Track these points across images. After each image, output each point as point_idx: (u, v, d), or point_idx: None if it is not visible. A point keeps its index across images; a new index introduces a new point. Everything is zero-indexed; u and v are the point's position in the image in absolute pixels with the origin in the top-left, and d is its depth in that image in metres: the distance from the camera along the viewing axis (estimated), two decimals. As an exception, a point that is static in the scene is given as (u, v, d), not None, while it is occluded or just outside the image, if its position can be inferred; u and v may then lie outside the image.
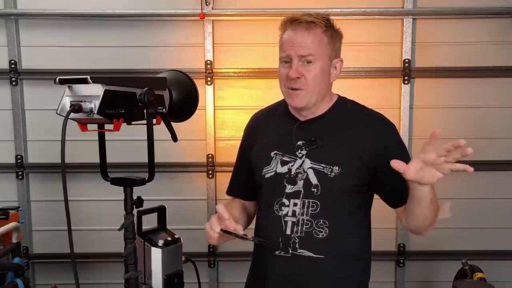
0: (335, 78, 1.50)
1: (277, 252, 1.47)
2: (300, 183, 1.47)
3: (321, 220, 1.44)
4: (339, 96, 1.59)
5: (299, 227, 1.45)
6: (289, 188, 1.48)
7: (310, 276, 1.45)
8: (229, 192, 1.77)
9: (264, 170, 1.54)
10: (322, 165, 1.45)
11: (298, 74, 1.42)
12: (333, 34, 1.47)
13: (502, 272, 3.07)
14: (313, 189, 1.45)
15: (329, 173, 1.44)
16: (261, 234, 1.55)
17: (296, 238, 1.45)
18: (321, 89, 1.46)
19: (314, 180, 1.45)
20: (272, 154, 1.53)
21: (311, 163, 1.46)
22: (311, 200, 1.45)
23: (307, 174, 1.46)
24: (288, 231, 1.46)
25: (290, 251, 1.45)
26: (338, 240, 1.44)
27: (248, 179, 1.63)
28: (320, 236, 1.43)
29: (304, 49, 1.41)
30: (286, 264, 1.46)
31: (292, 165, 1.49)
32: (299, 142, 1.50)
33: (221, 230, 1.36)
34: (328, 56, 1.45)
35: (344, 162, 1.44)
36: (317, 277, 1.45)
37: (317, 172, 1.45)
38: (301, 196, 1.46)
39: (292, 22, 1.44)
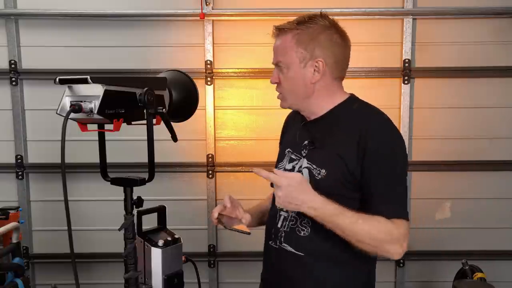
0: (317, 78, 1.45)
1: (270, 242, 1.55)
2: None
3: (306, 219, 1.44)
4: (350, 96, 1.53)
5: (287, 222, 1.49)
6: None
7: (292, 271, 1.49)
8: (271, 184, 1.80)
9: (278, 166, 1.61)
10: (314, 165, 1.46)
11: (274, 79, 1.51)
12: (308, 34, 1.43)
13: (502, 272, 3.07)
14: None
15: (316, 175, 1.44)
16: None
17: (283, 232, 1.50)
18: (298, 92, 1.47)
19: (307, 179, 1.46)
20: (286, 151, 1.59)
21: (307, 163, 1.48)
22: None
23: (302, 173, 1.47)
24: (279, 224, 1.52)
25: (278, 243, 1.51)
26: (319, 241, 1.43)
27: None
28: (302, 234, 1.45)
29: (274, 57, 1.49)
30: (275, 255, 1.53)
31: (296, 163, 1.52)
32: (305, 142, 1.52)
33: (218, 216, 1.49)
34: (299, 60, 1.44)
35: (330, 166, 1.42)
36: (297, 273, 1.48)
37: (310, 172, 1.46)
38: None
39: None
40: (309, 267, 1.46)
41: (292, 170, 1.51)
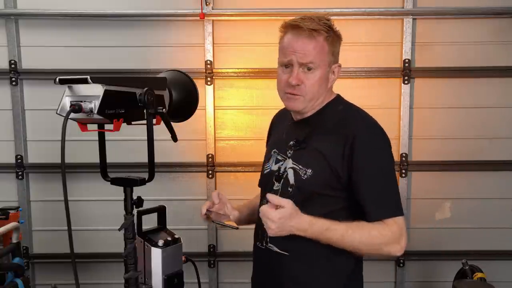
0: (332, 83, 1.51)
1: (257, 243, 1.57)
2: (281, 182, 1.51)
3: None
4: (337, 96, 1.55)
5: None
6: (276, 186, 1.52)
7: (278, 270, 1.50)
8: (259, 184, 1.75)
9: (264, 167, 1.61)
10: (300, 166, 1.47)
11: (299, 81, 1.43)
12: (334, 40, 1.46)
13: (502, 272, 3.07)
14: (289, 189, 1.48)
15: (303, 175, 1.45)
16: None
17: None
18: (318, 95, 1.48)
19: (291, 180, 1.48)
20: (272, 152, 1.59)
21: (292, 163, 1.49)
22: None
23: (287, 174, 1.49)
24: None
25: (264, 244, 1.53)
26: (302, 240, 1.39)
27: None
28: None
29: (306, 57, 1.41)
30: (262, 255, 1.55)
31: (282, 164, 1.53)
32: (291, 142, 1.53)
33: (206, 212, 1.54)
34: (328, 63, 1.46)
35: (315, 166, 1.44)
36: (282, 272, 1.49)
37: (295, 173, 1.47)
38: (279, 194, 1.48)
39: (294, 27, 1.43)
40: (293, 266, 1.47)
41: (278, 170, 1.52)
